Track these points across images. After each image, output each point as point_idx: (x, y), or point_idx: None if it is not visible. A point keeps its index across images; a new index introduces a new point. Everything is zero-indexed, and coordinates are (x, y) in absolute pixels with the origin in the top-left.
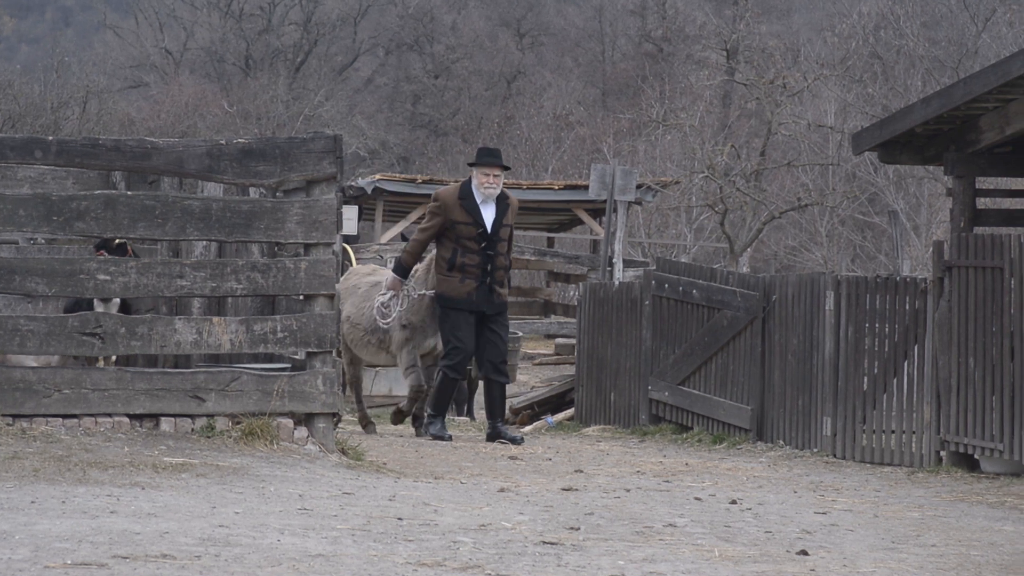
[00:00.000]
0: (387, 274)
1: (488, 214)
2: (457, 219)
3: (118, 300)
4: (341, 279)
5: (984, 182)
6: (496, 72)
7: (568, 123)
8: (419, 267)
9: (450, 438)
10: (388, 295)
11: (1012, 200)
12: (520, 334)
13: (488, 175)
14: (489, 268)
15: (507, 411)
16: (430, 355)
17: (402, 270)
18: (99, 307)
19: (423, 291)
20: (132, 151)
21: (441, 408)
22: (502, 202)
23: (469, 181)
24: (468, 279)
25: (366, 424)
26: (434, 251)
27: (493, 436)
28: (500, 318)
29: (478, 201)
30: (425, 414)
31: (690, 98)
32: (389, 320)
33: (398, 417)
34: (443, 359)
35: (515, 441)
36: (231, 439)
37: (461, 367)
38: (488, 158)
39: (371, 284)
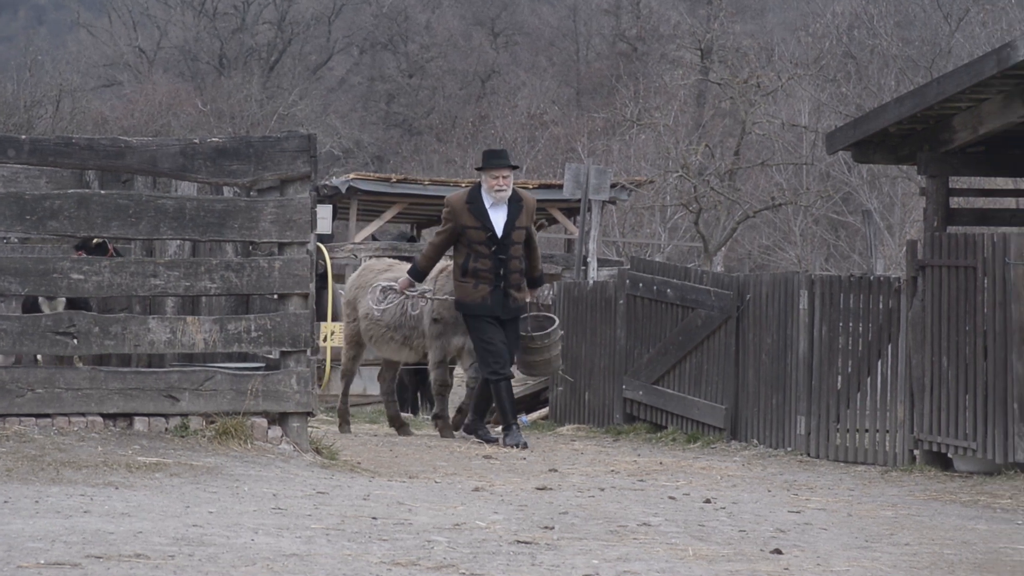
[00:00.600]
0: (403, 271)
1: (498, 217)
2: (466, 224)
3: (63, 299)
4: (354, 275)
5: (957, 181)
6: (470, 71)
7: (542, 122)
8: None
9: (526, 445)
10: (390, 285)
11: (985, 200)
12: (557, 321)
13: (496, 177)
14: (502, 272)
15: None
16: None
17: (416, 272)
18: (44, 307)
19: (444, 295)
20: (106, 150)
21: (509, 415)
22: (515, 204)
23: (479, 185)
24: (482, 284)
25: (343, 422)
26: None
27: (470, 431)
28: (514, 323)
29: (487, 205)
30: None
31: (664, 97)
32: (379, 308)
33: (450, 425)
34: (481, 367)
35: (488, 440)
36: (205, 438)
37: (500, 367)
38: (494, 160)
39: (390, 281)
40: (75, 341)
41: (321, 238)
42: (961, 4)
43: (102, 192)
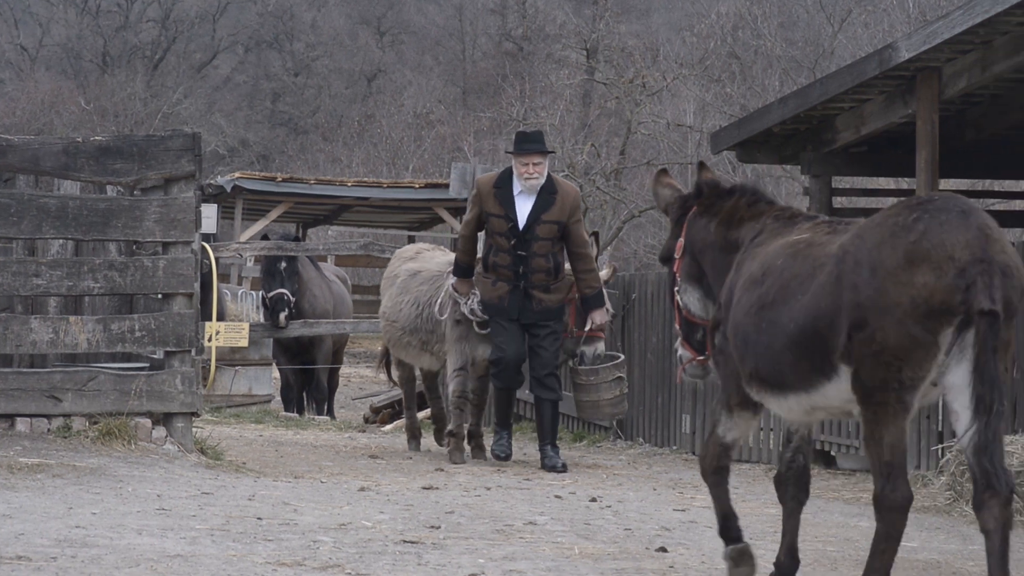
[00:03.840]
0: (434, 261)
1: (524, 207)
2: (490, 210)
3: None
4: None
5: (840, 181)
6: (356, 70)
7: (429, 122)
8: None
9: (507, 457)
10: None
11: (867, 199)
12: (622, 357)
13: (527, 164)
14: (522, 270)
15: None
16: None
17: (460, 269)
18: None
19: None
20: None
21: (502, 421)
22: (548, 193)
23: (513, 168)
24: (500, 282)
25: (411, 436)
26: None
27: (544, 464)
28: (543, 327)
29: (515, 192)
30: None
31: (550, 97)
32: (444, 316)
33: (440, 436)
34: (491, 368)
35: (557, 469)
36: (88, 439)
37: (505, 375)
38: (524, 144)
39: (410, 273)
40: None
41: (206, 237)
42: (844, 5)
43: None
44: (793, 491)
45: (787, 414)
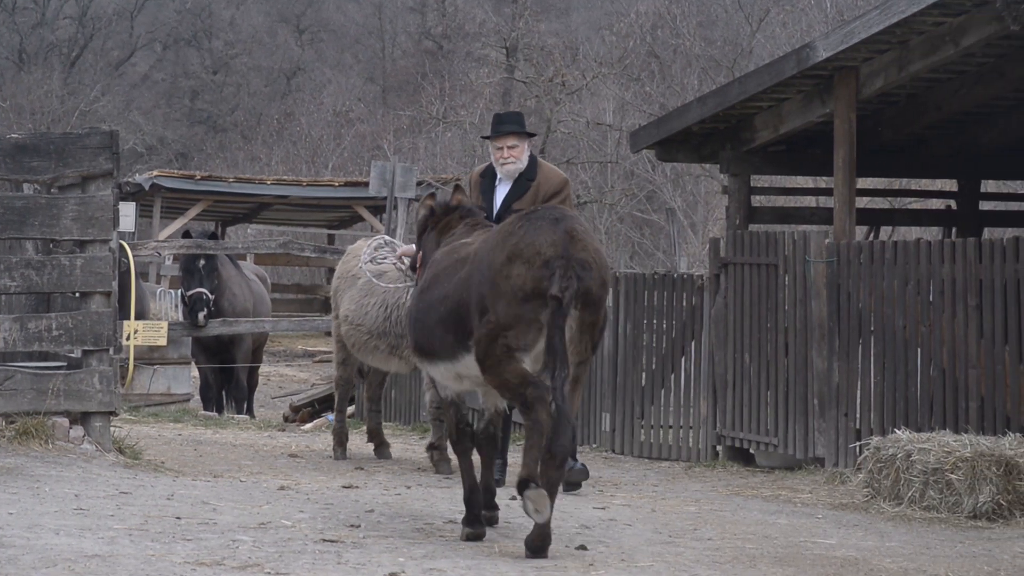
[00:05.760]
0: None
1: (500, 195)
2: (475, 201)
3: None
4: (339, 263)
5: (759, 180)
6: (275, 68)
7: (348, 120)
8: None
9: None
10: (392, 242)
11: (786, 198)
12: None
13: (501, 148)
14: None
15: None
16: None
17: None
18: None
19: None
20: None
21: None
22: (524, 180)
23: None
24: None
25: (339, 443)
26: None
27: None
28: None
29: (496, 180)
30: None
31: (470, 95)
32: (363, 264)
33: (433, 451)
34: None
35: (499, 484)
36: (4, 439)
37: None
38: (497, 126)
39: (375, 274)
40: None
41: (124, 236)
42: (762, 5)
43: None
44: (489, 451)
45: (441, 380)
